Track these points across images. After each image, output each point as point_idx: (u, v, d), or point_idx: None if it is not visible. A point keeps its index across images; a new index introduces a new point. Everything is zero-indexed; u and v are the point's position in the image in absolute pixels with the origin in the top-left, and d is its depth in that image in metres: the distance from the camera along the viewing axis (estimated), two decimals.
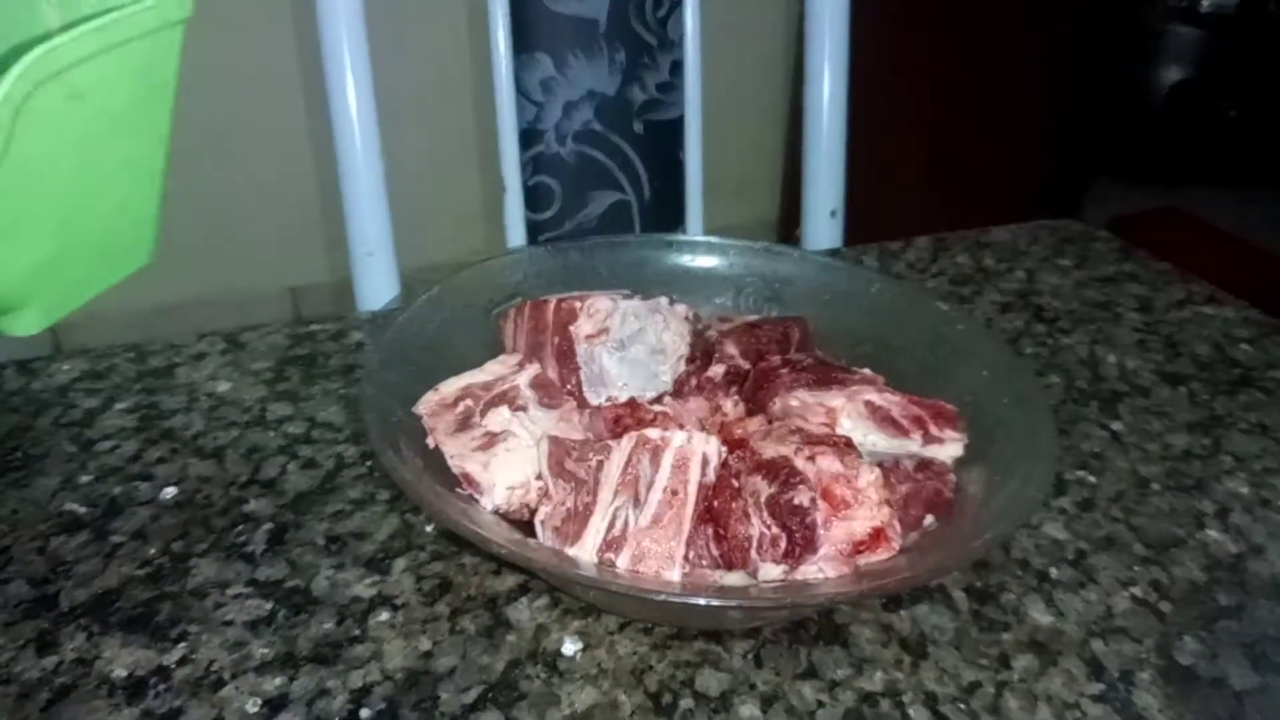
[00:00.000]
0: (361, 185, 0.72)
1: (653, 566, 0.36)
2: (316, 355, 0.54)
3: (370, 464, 0.46)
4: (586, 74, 0.83)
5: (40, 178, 0.30)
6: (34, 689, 0.34)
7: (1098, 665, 0.37)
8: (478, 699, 0.34)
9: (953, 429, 0.41)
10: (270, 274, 1.62)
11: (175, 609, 0.37)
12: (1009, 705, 0.35)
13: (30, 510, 0.42)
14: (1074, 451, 0.49)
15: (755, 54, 1.76)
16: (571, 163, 0.84)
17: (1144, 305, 0.64)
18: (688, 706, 0.34)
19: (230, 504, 0.43)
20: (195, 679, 0.34)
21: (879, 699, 0.35)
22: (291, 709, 0.33)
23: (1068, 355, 0.58)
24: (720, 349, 0.47)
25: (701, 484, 0.37)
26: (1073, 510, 0.45)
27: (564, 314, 0.44)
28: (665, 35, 0.85)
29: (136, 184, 0.34)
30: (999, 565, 0.41)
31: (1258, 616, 0.39)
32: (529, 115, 0.82)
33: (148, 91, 0.32)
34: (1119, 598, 0.40)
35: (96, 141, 0.31)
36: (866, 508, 0.35)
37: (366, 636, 0.36)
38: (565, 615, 0.38)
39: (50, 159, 0.30)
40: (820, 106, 0.81)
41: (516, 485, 0.39)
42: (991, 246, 0.71)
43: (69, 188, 0.31)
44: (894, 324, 0.48)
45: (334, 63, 0.70)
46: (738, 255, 0.52)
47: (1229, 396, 0.54)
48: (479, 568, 0.40)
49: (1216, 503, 0.46)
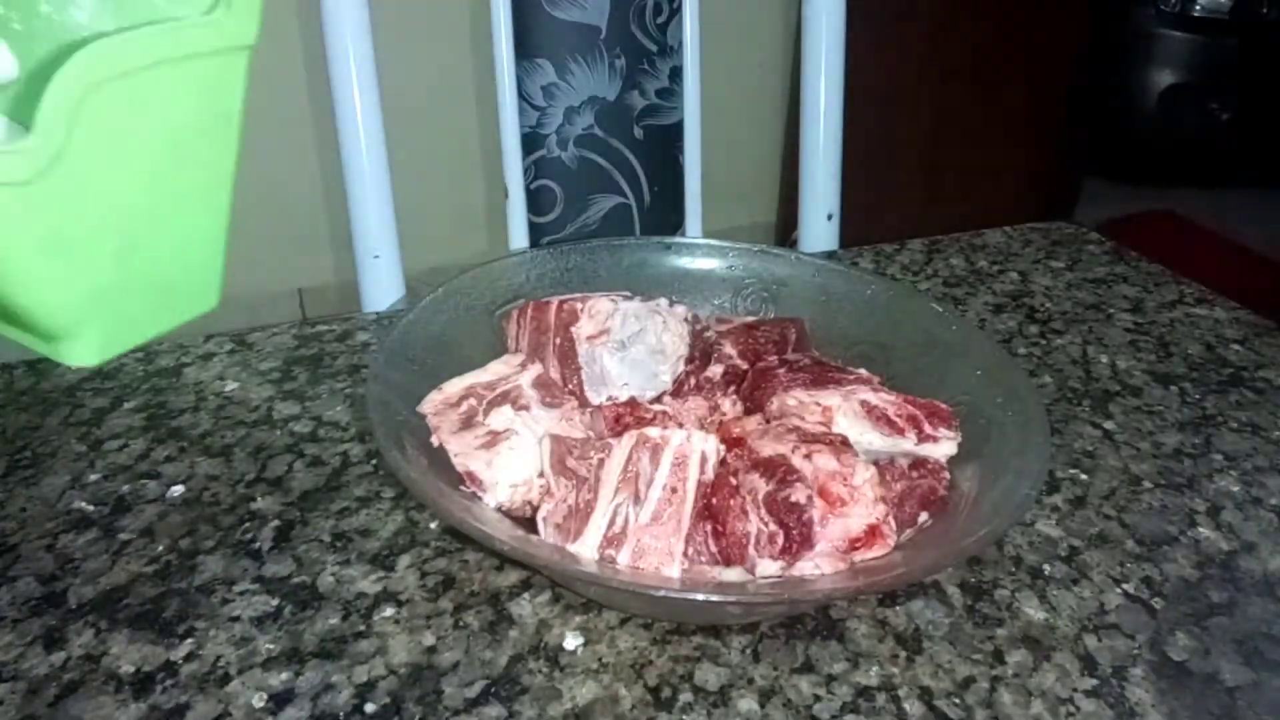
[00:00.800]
0: (367, 189, 0.73)
1: (652, 563, 0.36)
2: (323, 355, 0.55)
3: (375, 462, 0.46)
4: (588, 80, 0.83)
5: (100, 191, 0.29)
6: (42, 685, 0.34)
7: (1091, 661, 0.37)
8: (480, 693, 0.35)
9: (947, 428, 0.42)
10: (278, 276, 1.62)
11: (182, 605, 0.38)
12: (1003, 700, 0.35)
13: (39, 508, 0.43)
14: (1066, 450, 0.50)
15: (754, 60, 1.77)
16: (573, 167, 0.85)
17: (1136, 306, 0.65)
18: (687, 700, 0.35)
19: (237, 502, 0.43)
20: (202, 674, 0.35)
21: (875, 693, 0.35)
22: (297, 703, 0.34)
23: (1060, 355, 0.58)
24: (719, 349, 0.48)
25: (700, 481, 0.37)
26: (1065, 508, 0.46)
27: (565, 315, 0.45)
28: (665, 41, 0.86)
29: (200, 219, 0.34)
30: (993, 562, 0.42)
31: (1249, 613, 0.40)
32: (531, 120, 0.83)
33: (212, 120, 0.32)
34: (1112, 594, 0.40)
35: (159, 165, 0.31)
36: (862, 505, 0.36)
37: (371, 632, 0.37)
38: (567, 611, 0.38)
39: (111, 172, 0.29)
40: (817, 112, 0.82)
41: (519, 483, 0.39)
42: (985, 249, 0.72)
43: (130, 209, 0.31)
44: (889, 325, 0.49)
45: (340, 70, 0.71)
46: (736, 257, 0.53)
47: (1220, 396, 0.55)
48: (482, 564, 0.40)
49: (1208, 500, 0.47)
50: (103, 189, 0.29)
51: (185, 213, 0.33)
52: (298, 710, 0.34)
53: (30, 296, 0.30)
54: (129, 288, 0.32)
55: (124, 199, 0.30)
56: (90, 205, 0.29)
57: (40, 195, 0.27)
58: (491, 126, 0.81)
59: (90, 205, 0.29)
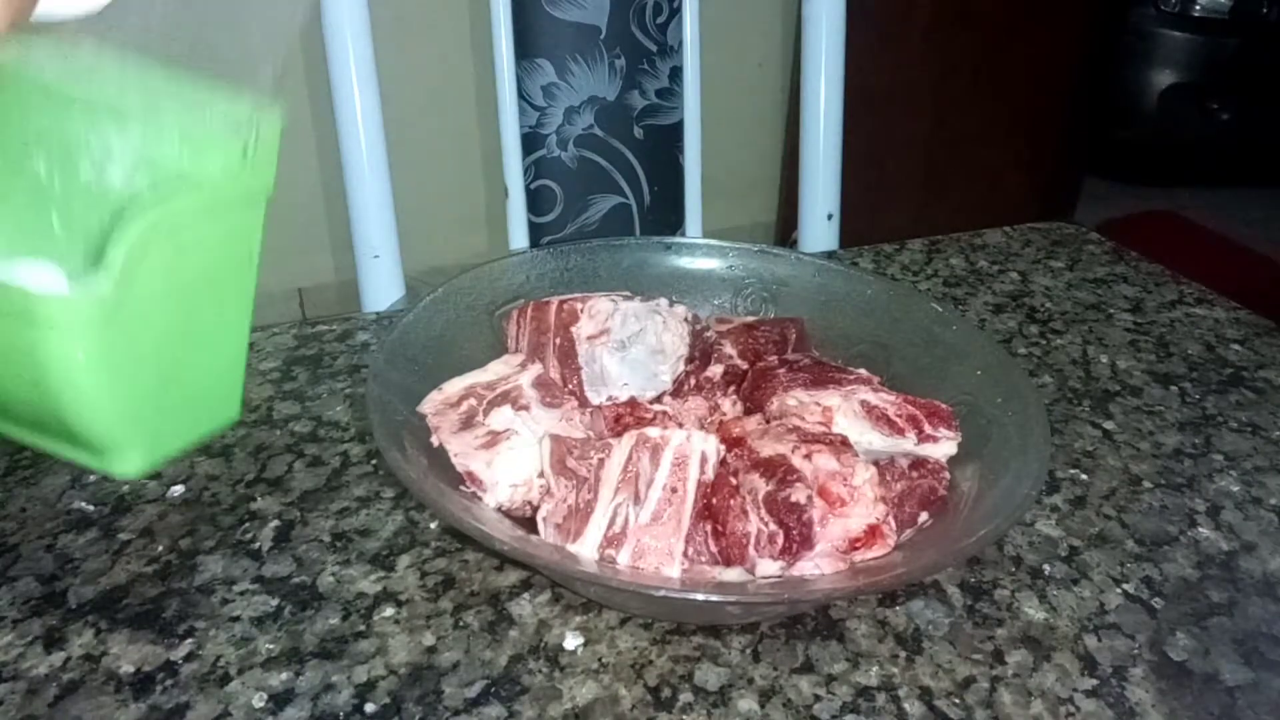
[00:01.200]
0: (367, 189, 0.73)
1: (652, 563, 0.36)
2: (323, 355, 0.55)
3: (375, 462, 0.46)
4: (587, 80, 0.83)
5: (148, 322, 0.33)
6: (42, 685, 0.34)
7: (1091, 661, 0.37)
8: (480, 693, 0.35)
9: (947, 428, 0.42)
10: (278, 276, 1.62)
11: (182, 605, 0.38)
12: (1003, 700, 0.35)
13: (39, 508, 0.43)
14: (1066, 450, 0.50)
15: (753, 60, 1.77)
16: (573, 167, 0.85)
17: (1136, 306, 0.65)
18: (687, 700, 0.35)
19: (237, 501, 0.43)
20: (202, 674, 0.35)
21: (875, 693, 0.35)
22: (297, 704, 0.34)
23: (1060, 355, 0.58)
24: (719, 349, 0.48)
25: (700, 481, 0.37)
26: (1065, 508, 0.46)
27: (566, 315, 0.45)
28: (665, 41, 0.86)
29: (227, 342, 0.38)
30: (993, 562, 0.42)
31: (1249, 613, 0.40)
32: (531, 120, 0.83)
33: (236, 257, 0.36)
34: (1111, 594, 0.40)
35: (196, 297, 0.35)
36: (862, 505, 0.36)
37: (371, 632, 0.37)
38: (567, 611, 0.38)
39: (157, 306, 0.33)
40: (817, 112, 0.82)
41: (519, 483, 0.39)
42: (985, 249, 0.72)
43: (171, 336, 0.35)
44: (889, 325, 0.49)
45: (340, 70, 0.71)
46: (736, 257, 0.53)
47: (1220, 396, 0.55)
48: (482, 564, 0.40)
49: (1208, 500, 0.47)
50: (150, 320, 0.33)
51: (215, 337, 0.37)
52: (298, 710, 0.34)
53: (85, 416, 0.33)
54: (168, 404, 0.36)
55: (166, 328, 0.34)
56: (140, 334, 0.33)
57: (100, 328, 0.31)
58: (491, 126, 0.81)
59: (140, 334, 0.33)
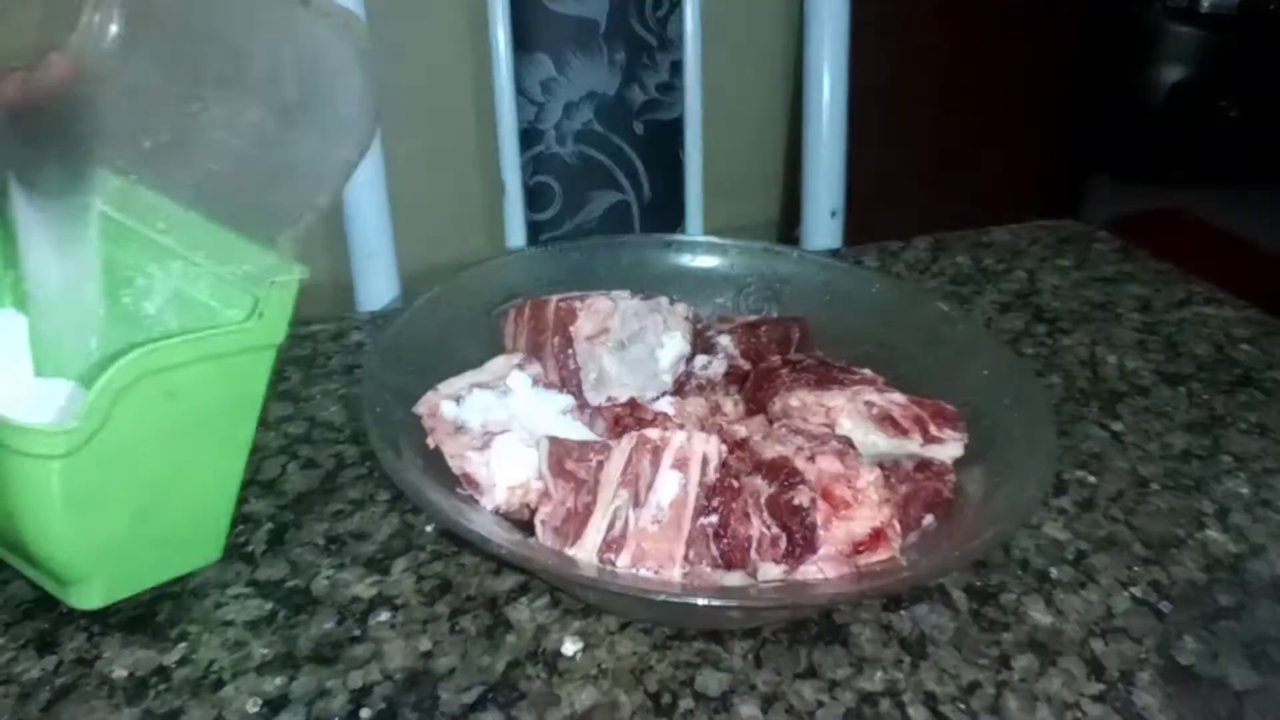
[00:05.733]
0: (362, 186, 0.73)
1: (653, 566, 0.36)
2: (317, 355, 0.54)
3: (370, 464, 0.46)
4: (587, 74, 0.83)
5: (127, 463, 0.33)
6: (34, 689, 0.34)
7: (1098, 665, 0.37)
8: (478, 699, 0.34)
9: (952, 429, 0.42)
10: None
11: (175, 609, 0.37)
12: (1009, 705, 0.35)
13: None
14: (1074, 451, 0.49)
15: (755, 54, 1.76)
16: (572, 163, 0.85)
17: (1144, 305, 0.64)
18: (688, 706, 0.34)
19: None
20: (195, 679, 0.34)
21: (879, 699, 0.35)
22: (291, 709, 0.33)
23: (1068, 355, 0.58)
24: (721, 349, 0.48)
25: (702, 484, 0.37)
26: (1073, 510, 0.45)
27: (564, 314, 0.45)
28: (665, 35, 0.85)
29: (213, 485, 0.37)
30: (999, 565, 0.41)
31: (1258, 616, 0.40)
32: (529, 115, 0.83)
33: (236, 402, 0.36)
34: (1119, 598, 0.40)
35: (184, 441, 0.35)
36: (866, 508, 0.35)
37: (366, 636, 0.36)
38: (565, 615, 0.38)
39: (139, 448, 0.33)
40: (820, 106, 0.82)
41: (516, 485, 0.39)
42: (991, 247, 0.71)
43: (151, 478, 0.35)
44: (894, 324, 0.48)
45: None
46: (738, 255, 0.52)
47: (1229, 396, 0.54)
48: (479, 568, 0.40)
49: (1216, 503, 0.46)
50: (132, 459, 0.33)
51: (203, 481, 0.37)
52: (292, 716, 0.33)
53: (48, 549, 0.33)
54: (140, 543, 0.36)
55: (150, 469, 0.34)
56: (116, 475, 0.33)
57: (72, 466, 0.31)
58: (489, 122, 0.81)
59: (116, 475, 0.33)
